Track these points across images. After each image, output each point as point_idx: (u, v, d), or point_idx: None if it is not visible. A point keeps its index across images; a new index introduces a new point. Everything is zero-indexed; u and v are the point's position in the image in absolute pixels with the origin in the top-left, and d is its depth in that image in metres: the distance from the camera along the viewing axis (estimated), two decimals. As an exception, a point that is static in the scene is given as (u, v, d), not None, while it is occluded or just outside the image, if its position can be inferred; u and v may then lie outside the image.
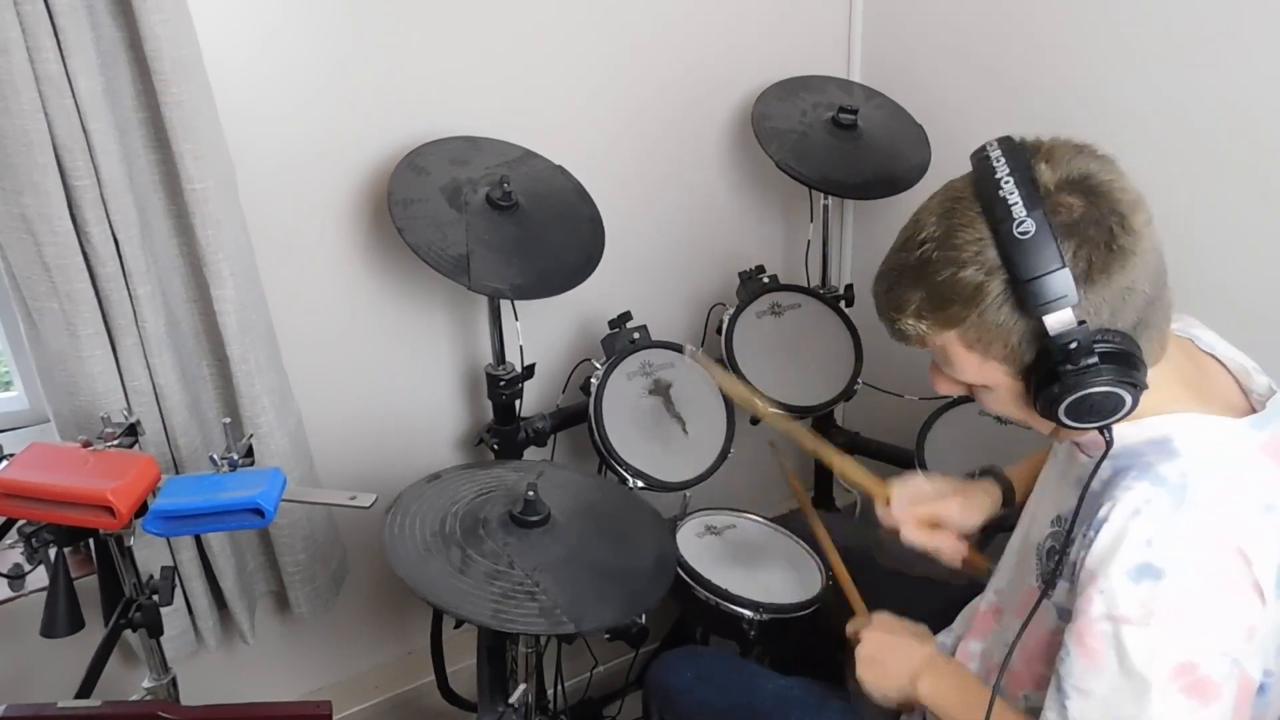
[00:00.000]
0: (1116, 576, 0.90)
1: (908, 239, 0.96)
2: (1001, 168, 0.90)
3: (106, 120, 1.27)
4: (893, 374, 1.93)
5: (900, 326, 0.98)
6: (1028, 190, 0.88)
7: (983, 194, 0.90)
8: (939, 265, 0.92)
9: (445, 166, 1.57)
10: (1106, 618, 0.91)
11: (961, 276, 0.90)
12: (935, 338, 0.96)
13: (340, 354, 1.72)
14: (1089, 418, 0.92)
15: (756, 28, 1.93)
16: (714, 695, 1.35)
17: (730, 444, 1.72)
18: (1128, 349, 0.89)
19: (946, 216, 0.92)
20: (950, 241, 0.91)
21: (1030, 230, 0.86)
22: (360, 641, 1.96)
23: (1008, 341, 0.92)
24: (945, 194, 0.95)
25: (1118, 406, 0.91)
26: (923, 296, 0.94)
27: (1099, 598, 0.91)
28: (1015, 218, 0.87)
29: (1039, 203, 0.87)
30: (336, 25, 1.54)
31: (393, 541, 1.18)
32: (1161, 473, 0.92)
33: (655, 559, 1.28)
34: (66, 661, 1.27)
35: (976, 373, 0.97)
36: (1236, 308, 1.46)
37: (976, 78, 1.83)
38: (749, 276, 1.85)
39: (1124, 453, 0.97)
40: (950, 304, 0.92)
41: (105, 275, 1.33)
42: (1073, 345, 0.88)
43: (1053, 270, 0.86)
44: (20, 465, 1.15)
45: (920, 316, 0.95)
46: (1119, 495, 0.93)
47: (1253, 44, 1.40)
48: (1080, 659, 0.93)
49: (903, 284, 0.96)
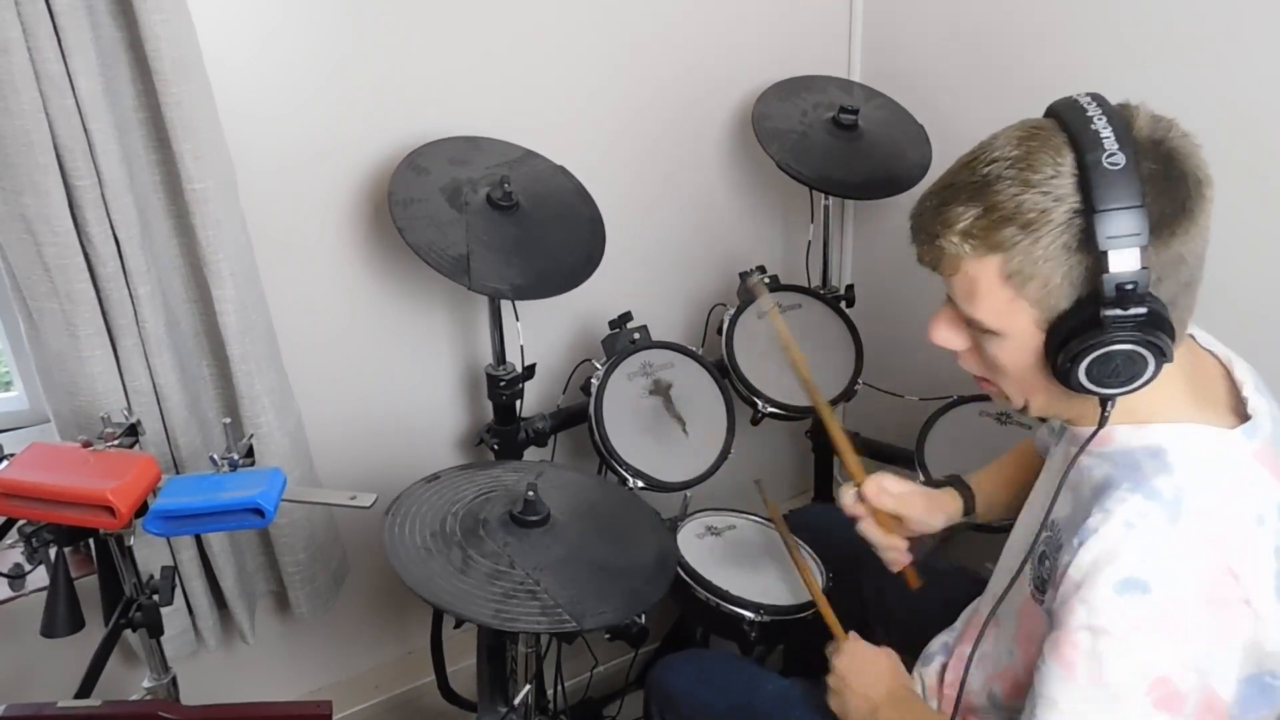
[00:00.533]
0: (1102, 588, 0.89)
1: (974, 158, 0.92)
2: (1094, 109, 0.88)
3: (107, 120, 1.27)
4: (893, 374, 1.93)
5: (941, 243, 0.93)
6: (1121, 129, 0.86)
7: (1073, 126, 0.88)
8: (1006, 183, 0.88)
9: (445, 166, 1.57)
10: (1086, 628, 0.90)
11: (1027, 198, 0.87)
12: (972, 262, 0.92)
13: (340, 354, 1.72)
14: (1107, 380, 0.90)
15: (756, 28, 1.93)
16: (715, 697, 1.35)
17: (730, 444, 1.72)
18: (1165, 316, 0.88)
19: (1026, 139, 0.90)
20: (1027, 161, 0.88)
21: (1120, 163, 0.84)
22: (360, 641, 1.96)
23: (1049, 281, 0.89)
24: (1022, 125, 0.92)
25: (1138, 373, 0.89)
26: (978, 213, 0.90)
27: (1081, 607, 0.90)
28: (1106, 149, 0.85)
29: (1131, 143, 0.86)
30: (336, 25, 1.54)
31: (393, 542, 1.18)
32: (1156, 486, 0.91)
33: (655, 558, 1.28)
34: (66, 661, 1.27)
35: (999, 313, 0.93)
36: (1236, 308, 1.46)
37: (977, 77, 1.83)
38: (749, 276, 1.85)
39: (1119, 455, 0.96)
40: (1006, 225, 0.88)
41: (105, 275, 1.33)
42: (1130, 286, 0.85)
43: (1132, 206, 0.84)
44: (20, 465, 1.15)
45: (968, 235, 0.91)
46: (1112, 507, 0.91)
47: (1253, 44, 1.40)
48: (1055, 667, 0.92)
49: (958, 199, 0.91)
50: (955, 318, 1.00)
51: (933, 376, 1.78)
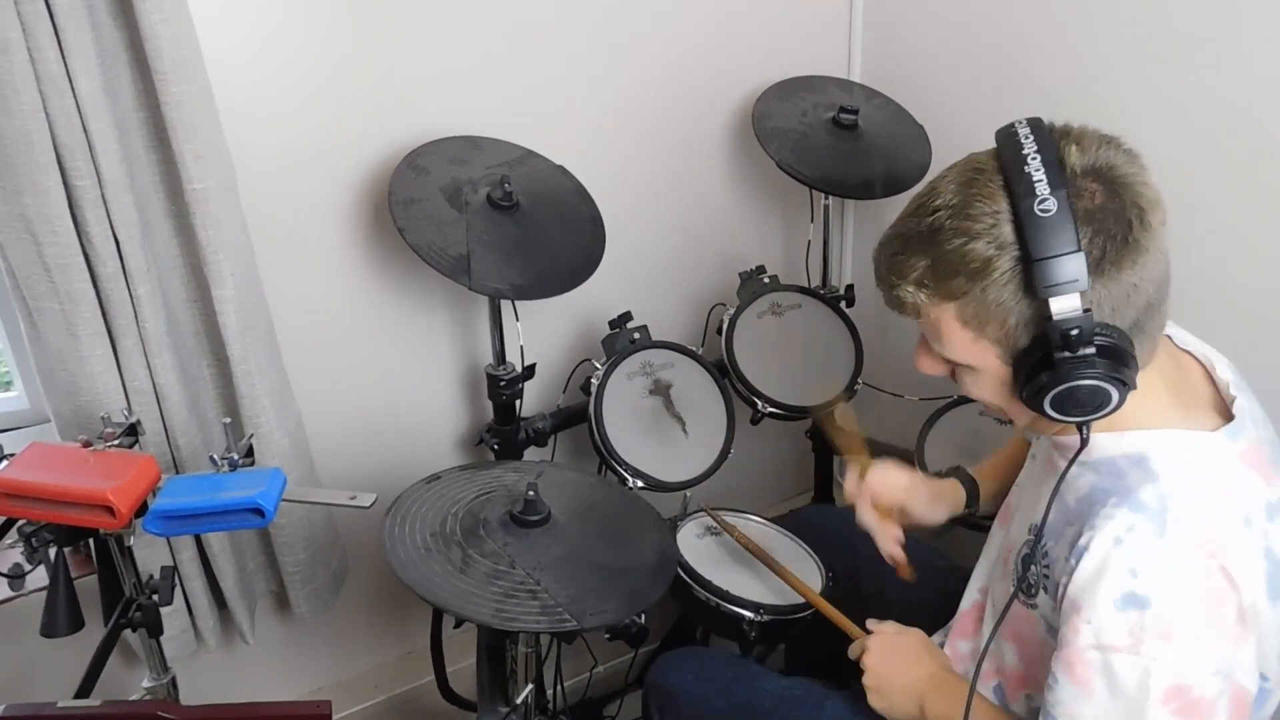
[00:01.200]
0: (1102, 606, 0.90)
1: (921, 205, 0.94)
2: (1029, 144, 0.88)
3: (107, 120, 1.27)
4: (893, 374, 1.93)
5: (898, 293, 0.96)
6: (1053, 170, 0.86)
7: (1007, 168, 0.88)
8: (950, 234, 0.90)
9: (445, 166, 1.57)
10: (1094, 647, 0.91)
11: (971, 248, 0.89)
12: (932, 309, 0.94)
13: (340, 354, 1.72)
14: (1073, 411, 0.91)
15: (756, 28, 1.93)
16: (714, 695, 1.35)
17: (730, 444, 1.72)
18: (1123, 346, 0.89)
19: (966, 186, 0.90)
20: (966, 211, 0.89)
21: (1052, 209, 0.85)
22: (360, 641, 1.96)
23: (1004, 322, 0.91)
24: (966, 165, 0.93)
25: (1104, 403, 0.90)
26: (927, 265, 0.92)
27: (1085, 628, 0.91)
28: (1038, 195, 0.85)
29: (1063, 184, 0.86)
30: (337, 25, 1.54)
31: (393, 543, 1.18)
32: (1141, 498, 0.92)
33: (655, 558, 1.28)
34: (66, 661, 1.27)
35: (966, 352, 0.96)
36: (1236, 308, 1.46)
37: (977, 77, 1.83)
38: (749, 276, 1.85)
39: (1103, 464, 0.97)
40: (955, 275, 0.90)
41: (105, 275, 1.33)
42: (1074, 332, 0.86)
43: (1068, 253, 0.84)
44: (20, 465, 1.15)
45: (921, 285, 0.93)
46: (1099, 524, 0.92)
47: (1253, 44, 1.40)
48: (1069, 686, 0.93)
49: (909, 250, 0.94)
50: (932, 350, 1.02)
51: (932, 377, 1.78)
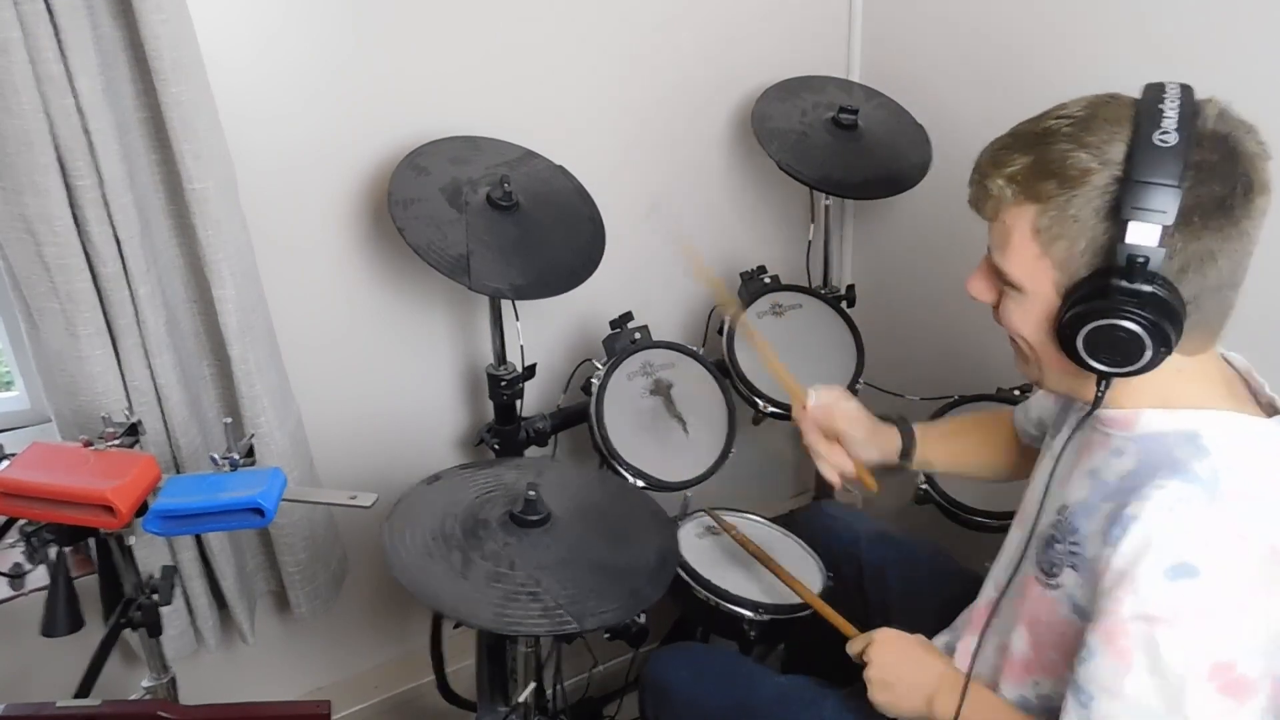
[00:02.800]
0: (1150, 576, 0.89)
1: (1045, 113, 0.95)
2: (1172, 92, 0.90)
3: (107, 120, 1.27)
4: (893, 374, 1.93)
5: (988, 184, 0.96)
6: (1186, 115, 0.87)
7: (1143, 101, 0.90)
8: (1062, 139, 0.91)
9: (445, 166, 1.57)
10: (1139, 618, 0.89)
11: (1076, 156, 0.90)
12: (1012, 209, 0.94)
13: (341, 354, 1.72)
14: (1101, 355, 0.91)
15: (756, 28, 1.93)
16: (710, 693, 1.34)
17: (731, 444, 1.72)
18: (1176, 307, 0.88)
19: (1097, 105, 0.92)
20: (1087, 124, 0.91)
21: (1171, 142, 0.86)
22: (360, 641, 1.96)
23: (1075, 243, 0.91)
24: (1103, 93, 0.95)
25: (1135, 356, 0.90)
26: (1028, 162, 0.93)
27: (1130, 598, 0.90)
28: (1163, 127, 0.87)
29: (1191, 132, 0.87)
30: (337, 26, 1.54)
31: (393, 547, 1.17)
32: (1193, 470, 0.91)
33: (656, 557, 1.28)
34: (66, 661, 1.27)
35: (1025, 267, 0.95)
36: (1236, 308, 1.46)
37: (977, 77, 1.83)
38: (750, 277, 1.85)
39: (1150, 440, 0.96)
40: (1049, 178, 0.91)
41: (106, 275, 1.33)
42: (1140, 260, 0.86)
43: (1167, 184, 0.85)
44: (21, 465, 1.15)
45: (1013, 180, 0.94)
46: (1150, 494, 0.91)
47: (1253, 44, 1.40)
48: (1109, 659, 0.91)
49: (1015, 146, 0.95)
50: (989, 270, 1.02)
51: (934, 376, 1.79)
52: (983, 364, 1.78)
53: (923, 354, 2.05)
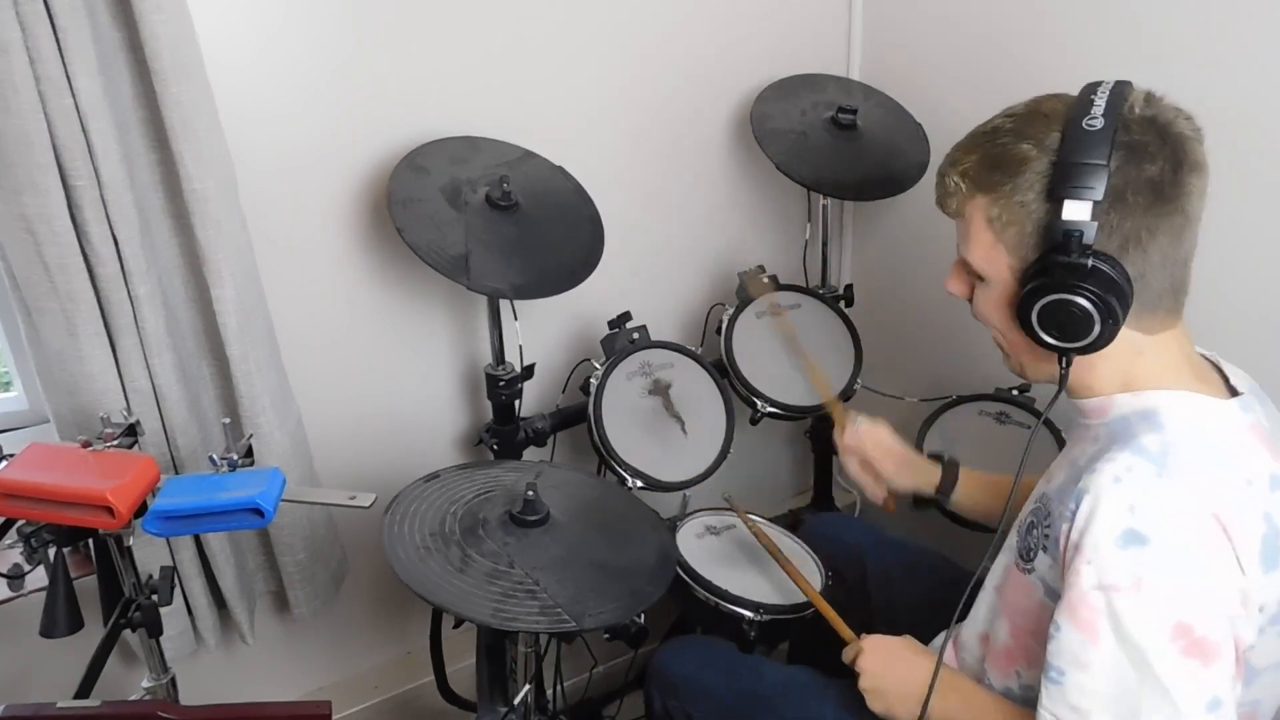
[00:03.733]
0: (1103, 545, 0.91)
1: (995, 115, 1.03)
2: (1106, 85, 0.96)
3: (106, 120, 1.27)
4: (892, 374, 1.93)
5: (946, 181, 1.04)
6: (1114, 104, 0.94)
7: (1079, 95, 0.97)
8: (1004, 134, 0.99)
9: (445, 166, 1.57)
10: (1097, 588, 0.92)
11: (1017, 148, 0.97)
12: (967, 203, 1.02)
13: (340, 354, 1.72)
14: (1053, 330, 0.96)
15: (756, 27, 1.93)
16: (718, 682, 1.35)
17: (730, 444, 1.72)
18: (1119, 281, 0.93)
19: (1037, 102, 1.00)
20: (1027, 119, 0.98)
21: (1098, 126, 0.92)
22: (360, 641, 1.96)
23: (1023, 227, 0.97)
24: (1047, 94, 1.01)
25: (1084, 330, 0.94)
26: (977, 158, 1.00)
27: (1087, 569, 0.92)
28: (1090, 113, 0.93)
29: (1117, 116, 0.93)
30: (337, 26, 1.54)
31: (392, 542, 1.17)
32: (1142, 443, 0.94)
33: (655, 558, 1.28)
34: (66, 661, 1.27)
35: (984, 256, 1.02)
36: (1236, 308, 1.46)
37: (977, 76, 1.83)
38: (749, 276, 1.85)
39: (1116, 422, 1.00)
40: (995, 170, 0.98)
41: (105, 275, 1.33)
42: (1076, 234, 0.92)
43: (1094, 163, 0.91)
44: (20, 465, 1.15)
45: (965, 175, 1.01)
46: (1100, 466, 0.94)
47: (1252, 44, 1.40)
48: (1074, 633, 0.94)
49: (968, 144, 1.03)
50: (961, 266, 1.08)
51: (933, 376, 1.79)
52: (981, 364, 1.78)
53: (921, 354, 2.06)
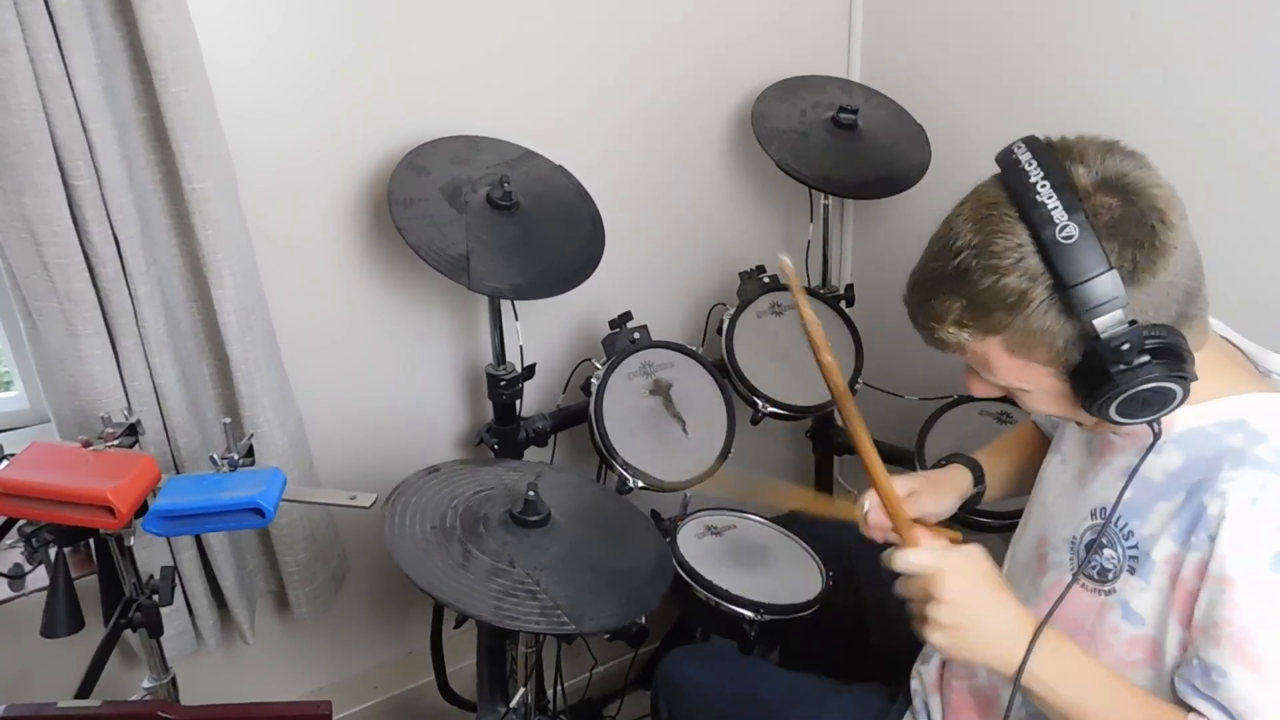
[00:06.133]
0: (1259, 572, 0.88)
1: (942, 247, 0.94)
2: (1035, 171, 0.88)
3: (106, 120, 1.27)
4: (893, 374, 1.93)
5: (940, 335, 0.96)
6: (1066, 194, 0.86)
7: (1019, 199, 0.88)
8: (979, 274, 0.90)
9: (445, 166, 1.57)
10: (1260, 612, 0.88)
11: (1004, 284, 0.89)
12: (976, 345, 0.95)
13: (340, 354, 1.72)
14: (1141, 413, 0.91)
15: (756, 27, 1.93)
16: (722, 690, 1.35)
17: (730, 444, 1.72)
18: (1175, 342, 0.89)
19: (983, 224, 0.91)
20: (989, 249, 0.89)
21: (1074, 235, 0.85)
22: (360, 641, 1.96)
23: (1053, 345, 0.91)
24: (977, 200, 0.93)
25: (1169, 400, 0.90)
26: (963, 305, 0.93)
27: (1245, 601, 0.89)
28: (1057, 223, 0.86)
29: (1079, 206, 0.86)
30: (337, 25, 1.54)
31: (393, 534, 1.17)
32: (1259, 455, 0.91)
33: (655, 559, 1.28)
34: (66, 661, 1.27)
35: (1019, 376, 0.96)
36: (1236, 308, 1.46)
37: (977, 77, 1.83)
38: (749, 276, 1.85)
39: (1190, 436, 0.96)
40: (993, 311, 0.91)
41: (105, 275, 1.33)
42: (1125, 346, 0.87)
43: (1100, 273, 0.85)
44: (20, 465, 1.15)
45: (961, 325, 0.94)
46: (1225, 489, 0.91)
47: (1252, 43, 1.40)
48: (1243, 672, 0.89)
49: (941, 292, 0.94)
50: (983, 379, 1.01)
51: (933, 376, 1.78)
52: (982, 364, 1.78)
53: (921, 354, 2.04)
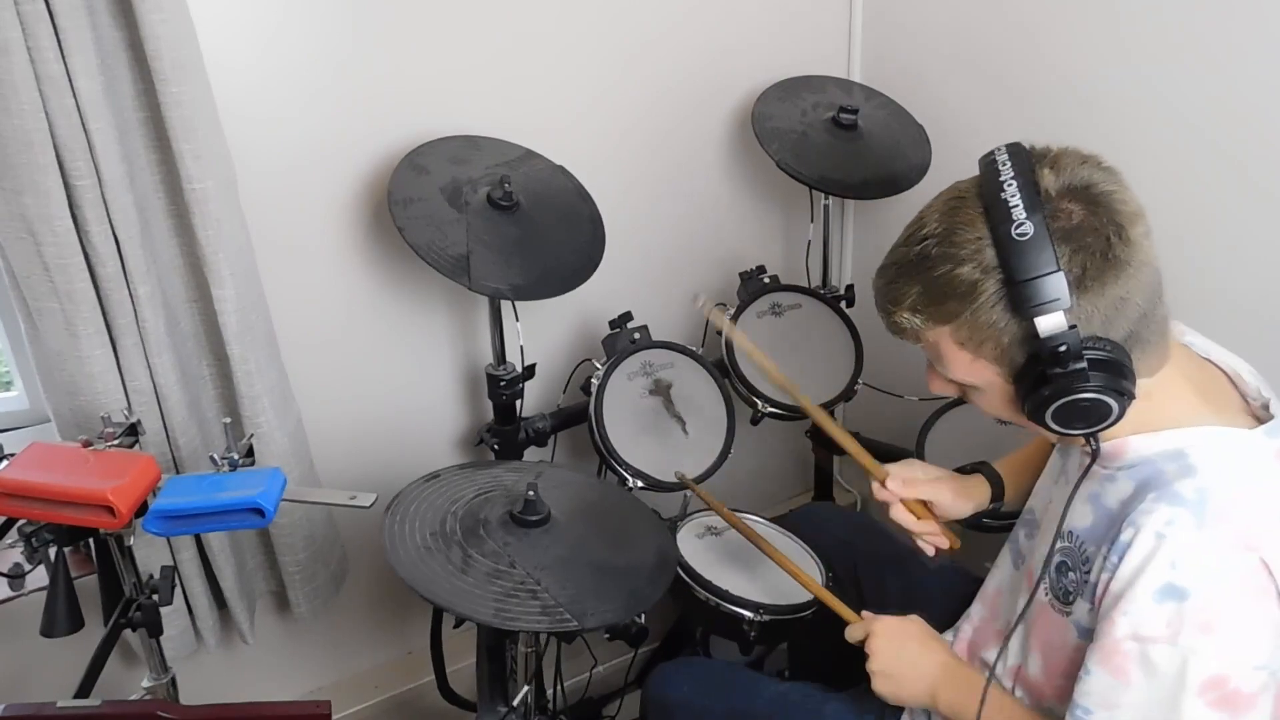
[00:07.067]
0: (1141, 599, 0.91)
1: (910, 235, 0.98)
2: (1006, 171, 0.91)
3: (107, 120, 1.27)
4: (893, 374, 1.93)
5: (896, 319, 1.00)
6: (1029, 194, 0.89)
7: (985, 195, 0.92)
8: (937, 261, 0.94)
9: (445, 166, 1.57)
10: (1132, 637, 0.92)
11: (958, 273, 0.92)
12: (928, 333, 0.98)
13: (340, 354, 1.72)
14: (1076, 424, 0.94)
15: (757, 28, 1.93)
16: (712, 704, 1.35)
17: (730, 444, 1.72)
18: (1118, 358, 0.91)
19: (949, 215, 0.94)
20: (950, 239, 0.93)
21: (1029, 233, 0.88)
22: (360, 641, 1.96)
23: (999, 342, 0.94)
24: (950, 194, 0.97)
25: (1105, 415, 0.92)
26: (919, 291, 0.96)
27: (1123, 620, 0.92)
28: (1015, 219, 0.89)
29: (1039, 207, 0.89)
30: (337, 26, 1.54)
31: (393, 542, 1.17)
32: (1179, 491, 0.93)
33: (655, 558, 1.28)
34: (66, 661, 1.27)
35: (967, 371, 0.99)
36: (1237, 307, 1.46)
37: (977, 77, 1.83)
38: (749, 276, 1.85)
39: (1141, 465, 0.98)
40: (946, 300, 0.94)
41: (105, 275, 1.33)
42: (1061, 348, 0.89)
43: (1047, 273, 0.87)
44: (20, 465, 1.15)
45: (915, 310, 0.97)
46: (1140, 520, 0.93)
47: (1250, 45, 1.40)
48: (1104, 677, 0.94)
49: (902, 278, 0.98)
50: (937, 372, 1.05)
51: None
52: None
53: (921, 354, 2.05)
